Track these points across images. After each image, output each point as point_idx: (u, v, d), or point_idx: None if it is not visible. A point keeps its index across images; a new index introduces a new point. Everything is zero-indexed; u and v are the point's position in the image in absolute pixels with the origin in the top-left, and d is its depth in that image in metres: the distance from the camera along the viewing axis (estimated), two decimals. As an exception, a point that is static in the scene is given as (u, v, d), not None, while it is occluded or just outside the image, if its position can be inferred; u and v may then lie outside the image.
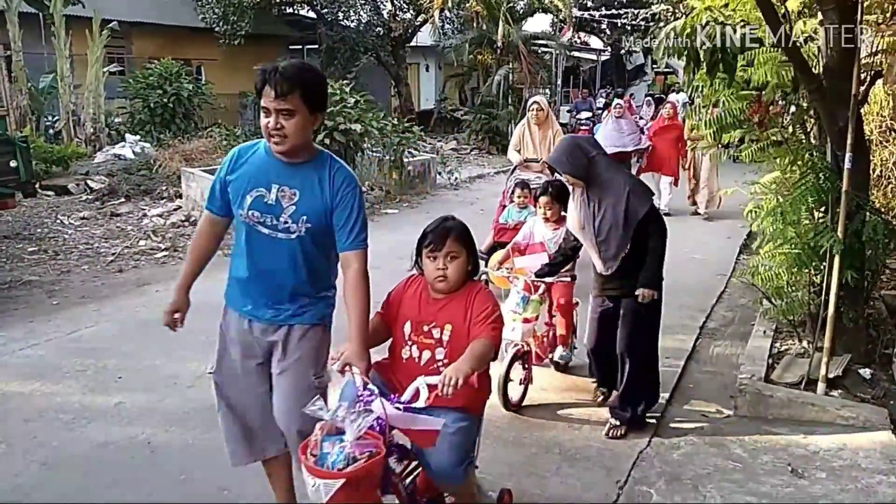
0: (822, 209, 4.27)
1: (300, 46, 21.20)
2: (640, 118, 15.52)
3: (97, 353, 4.74)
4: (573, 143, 3.61)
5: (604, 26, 24.52)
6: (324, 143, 9.71)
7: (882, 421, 3.67)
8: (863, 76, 4.06)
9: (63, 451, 3.51)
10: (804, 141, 4.80)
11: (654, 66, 25.73)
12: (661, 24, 14.63)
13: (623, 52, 26.95)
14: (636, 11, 19.41)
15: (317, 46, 19.50)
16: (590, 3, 24.17)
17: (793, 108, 5.09)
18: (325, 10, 18.90)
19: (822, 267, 4.14)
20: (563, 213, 4.28)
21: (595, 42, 26.20)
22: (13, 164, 6.88)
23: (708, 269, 7.13)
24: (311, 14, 19.44)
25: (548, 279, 4.00)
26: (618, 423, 3.71)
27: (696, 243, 8.15)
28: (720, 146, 8.40)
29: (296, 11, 19.94)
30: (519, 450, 3.57)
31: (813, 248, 4.07)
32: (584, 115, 17.12)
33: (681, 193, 9.96)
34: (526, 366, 4.02)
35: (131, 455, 3.49)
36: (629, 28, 20.15)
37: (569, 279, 4.26)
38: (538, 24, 21.20)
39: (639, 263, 3.49)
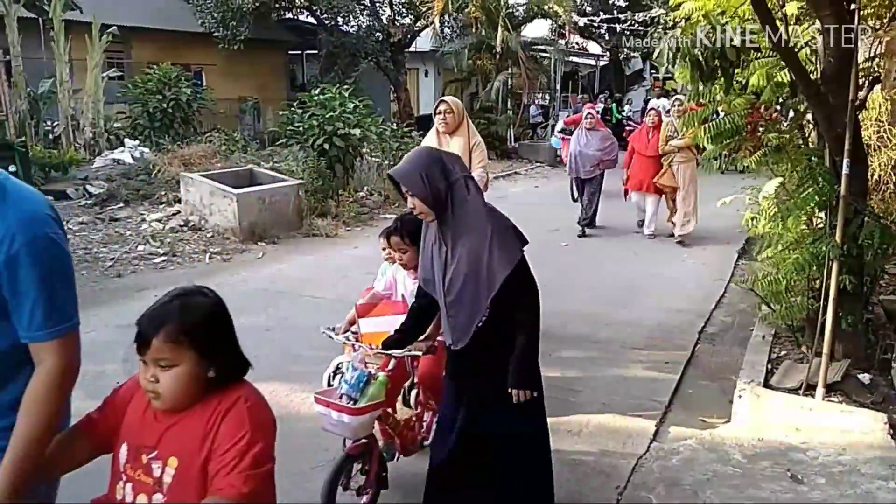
0: (821, 214, 4.27)
1: (299, 52, 21.24)
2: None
3: (95, 359, 4.72)
4: (433, 155, 2.59)
5: (602, 31, 24.57)
6: (323, 148, 9.74)
7: (881, 426, 3.66)
8: (861, 82, 4.07)
9: (61, 457, 3.50)
10: (802, 146, 4.81)
11: (653, 71, 25.79)
12: (660, 27, 14.66)
13: (622, 57, 27.01)
14: (635, 16, 19.47)
15: (316, 52, 19.53)
16: (588, 9, 24.23)
17: (791, 114, 5.10)
18: (325, 16, 18.93)
19: (820, 272, 4.14)
20: None
21: (594, 47, 26.25)
22: (12, 168, 6.89)
23: (707, 274, 7.13)
24: (311, 20, 19.46)
25: (396, 352, 2.81)
26: None
27: (695, 248, 8.16)
28: (700, 158, 8.22)
29: (295, 17, 19.97)
30: (518, 455, 3.56)
31: (811, 254, 4.07)
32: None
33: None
34: (368, 468, 2.91)
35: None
36: (628, 33, 20.20)
37: (421, 354, 2.92)
38: (537, 29, 21.26)
39: (505, 339, 2.51)
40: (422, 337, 2.90)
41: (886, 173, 5.92)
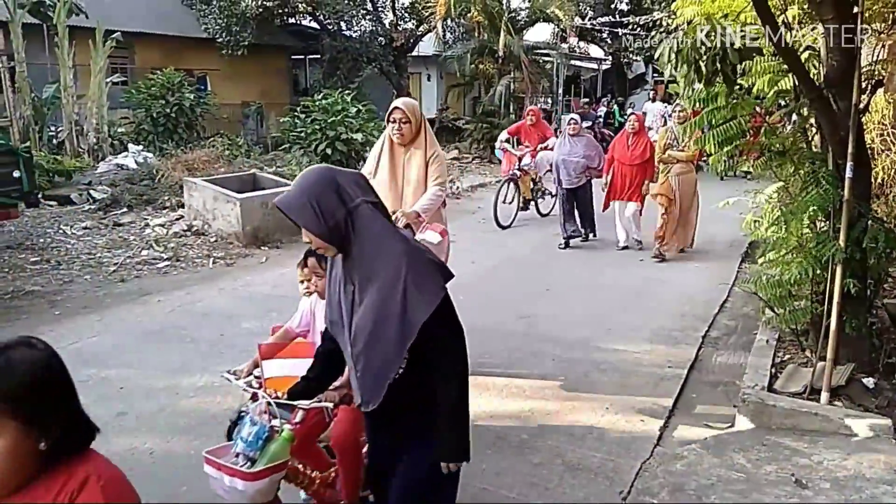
0: (825, 218, 4.27)
1: (302, 56, 21.30)
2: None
3: (99, 363, 4.74)
4: (326, 177, 2.05)
5: (605, 35, 24.61)
6: (325, 152, 9.76)
7: (886, 430, 3.65)
8: (864, 85, 4.06)
9: (64, 462, 3.50)
10: (806, 150, 4.80)
11: (656, 74, 25.81)
12: (662, 30, 14.68)
13: (625, 61, 27.04)
14: (637, 19, 19.49)
15: (319, 56, 19.59)
16: (591, 12, 24.28)
17: (794, 118, 5.09)
18: (328, 21, 18.99)
19: (824, 276, 4.13)
20: None
21: (596, 51, 26.28)
22: (16, 174, 6.91)
23: (710, 278, 7.12)
24: (314, 24, 19.52)
25: (303, 403, 2.35)
26: None
27: (698, 253, 8.14)
28: (704, 161, 8.02)
29: (298, 22, 20.03)
30: (522, 461, 3.56)
31: (815, 257, 4.06)
32: (585, 124, 17.07)
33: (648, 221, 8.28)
34: None
35: (132, 466, 3.46)
36: (630, 37, 20.24)
37: (333, 406, 2.45)
38: (539, 33, 21.28)
39: (428, 393, 2.09)
40: (336, 383, 2.44)
41: (890, 177, 5.92)
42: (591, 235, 8.71)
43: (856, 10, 3.74)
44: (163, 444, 3.68)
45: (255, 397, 2.48)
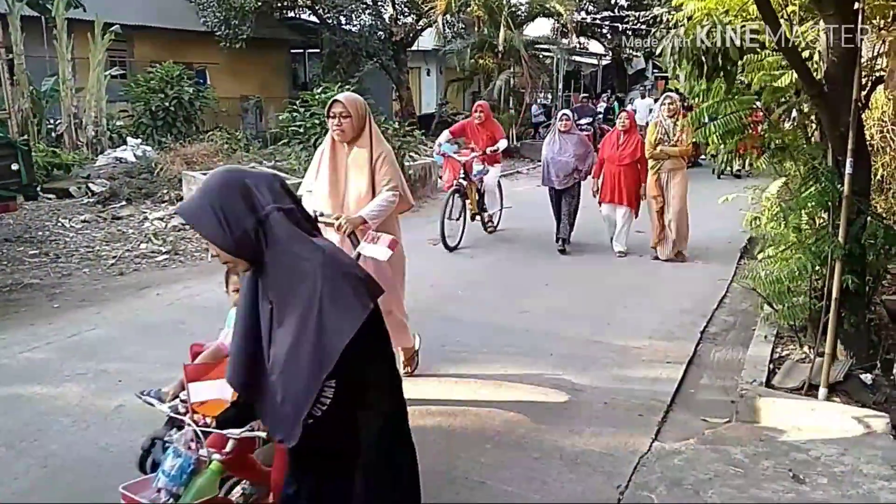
0: (824, 214, 4.27)
1: (302, 50, 21.25)
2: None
3: (98, 356, 4.74)
4: (233, 180, 1.78)
5: (605, 31, 24.56)
6: (325, 147, 9.75)
7: (883, 426, 3.66)
8: (864, 81, 4.06)
9: (63, 455, 3.51)
10: (805, 146, 4.80)
11: (656, 70, 25.76)
12: (662, 26, 14.64)
13: (625, 57, 27.00)
14: (637, 15, 19.45)
15: (318, 51, 19.55)
16: (591, 8, 24.22)
17: (794, 113, 5.09)
18: (328, 15, 18.94)
19: (823, 272, 4.14)
20: None
21: (596, 46, 26.25)
22: (15, 167, 6.91)
23: (708, 274, 7.12)
24: (313, 18, 19.47)
25: (234, 431, 2.14)
26: None
27: (696, 249, 8.14)
28: (703, 159, 7.87)
29: (297, 16, 19.96)
30: (520, 455, 3.56)
31: (814, 253, 4.07)
32: (585, 120, 17.08)
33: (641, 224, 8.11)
34: None
35: (130, 459, 3.47)
36: (630, 33, 20.19)
37: (266, 434, 2.20)
38: (539, 28, 21.26)
39: (354, 434, 1.83)
40: None
41: (890, 173, 5.91)
42: (567, 242, 8.06)
43: (857, 5, 3.73)
44: (161, 438, 3.68)
45: (173, 422, 2.25)
